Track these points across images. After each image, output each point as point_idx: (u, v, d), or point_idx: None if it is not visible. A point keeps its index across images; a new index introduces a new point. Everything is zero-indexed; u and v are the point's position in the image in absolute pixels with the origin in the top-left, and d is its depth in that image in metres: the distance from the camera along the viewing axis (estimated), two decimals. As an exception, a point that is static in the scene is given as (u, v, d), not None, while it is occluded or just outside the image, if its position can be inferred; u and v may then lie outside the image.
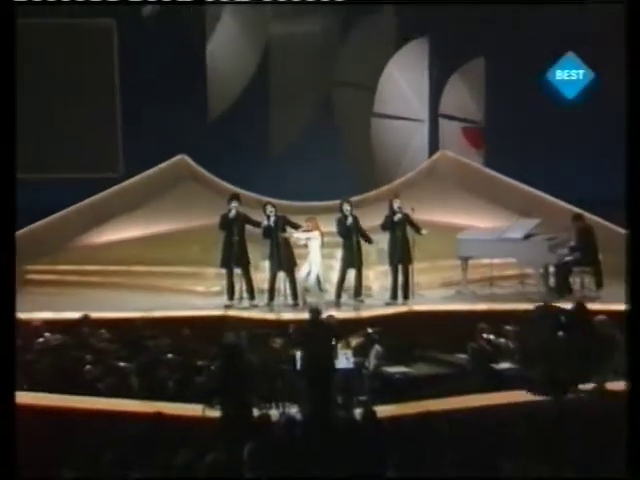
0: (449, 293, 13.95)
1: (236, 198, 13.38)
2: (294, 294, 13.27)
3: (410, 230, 13.27)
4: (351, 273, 13.38)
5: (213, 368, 9.90)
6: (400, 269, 13.31)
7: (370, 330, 11.40)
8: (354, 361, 10.28)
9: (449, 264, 14.13)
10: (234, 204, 13.16)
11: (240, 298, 13.29)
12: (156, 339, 11.32)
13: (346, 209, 13.28)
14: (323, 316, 10.38)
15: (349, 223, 13.16)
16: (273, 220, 13.08)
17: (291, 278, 13.27)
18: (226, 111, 17.37)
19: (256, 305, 13.21)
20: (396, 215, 13.20)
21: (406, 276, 13.33)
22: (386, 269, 13.54)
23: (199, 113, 17.09)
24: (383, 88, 17.66)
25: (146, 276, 14.78)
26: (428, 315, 12.68)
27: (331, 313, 11.56)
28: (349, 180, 16.36)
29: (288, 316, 12.55)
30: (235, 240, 13.09)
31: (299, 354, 9.94)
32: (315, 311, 10.23)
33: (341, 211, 13.35)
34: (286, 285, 13.35)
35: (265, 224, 13.13)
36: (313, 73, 17.56)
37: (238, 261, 13.18)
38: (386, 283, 13.63)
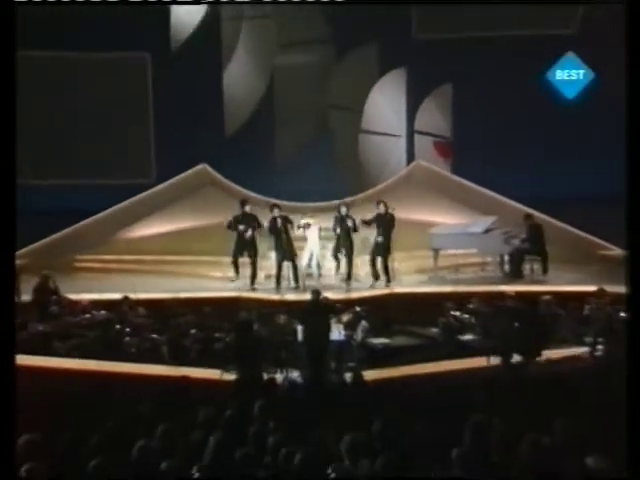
0: (423, 278, 13.93)
1: (246, 202, 13.44)
2: (296, 279, 13.27)
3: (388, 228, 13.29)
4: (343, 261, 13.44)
5: (229, 340, 9.93)
6: (380, 260, 13.29)
7: (358, 309, 11.41)
8: (345, 334, 10.29)
9: (423, 254, 14.07)
10: (247, 207, 13.24)
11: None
12: (182, 316, 11.35)
13: (342, 210, 13.32)
14: (321, 297, 10.40)
15: (349, 223, 13.18)
16: (279, 219, 13.13)
17: (293, 266, 13.28)
18: (240, 128, 17.33)
19: (255, 288, 13.14)
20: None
21: (385, 265, 13.30)
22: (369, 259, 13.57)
23: (217, 130, 17.04)
24: (368, 109, 17.61)
25: (174, 264, 14.79)
26: (406, 296, 12.69)
27: (326, 295, 11.58)
28: (341, 185, 16.31)
29: (291, 297, 12.57)
30: (248, 235, 13.12)
31: (300, 328, 9.95)
32: (316, 292, 10.23)
33: (339, 212, 13.37)
34: (289, 272, 13.36)
35: (267, 225, 13.17)
36: (311, 97, 17.52)
37: (250, 252, 13.22)
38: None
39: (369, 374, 8.70)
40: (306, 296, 10.59)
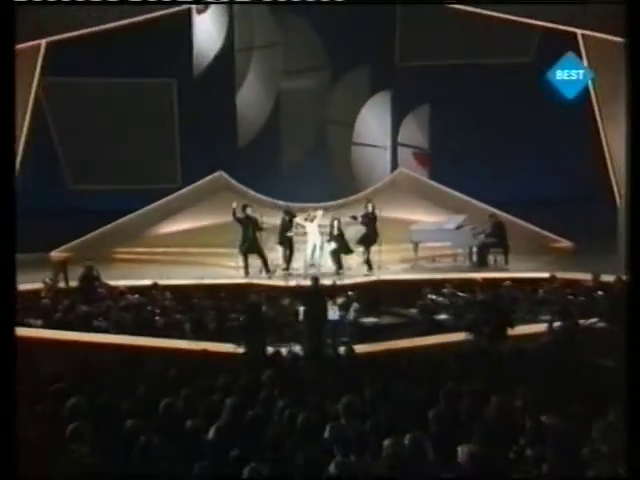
0: (405, 267, 13.95)
1: (247, 206, 13.38)
2: (267, 269, 13.27)
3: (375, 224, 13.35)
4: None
5: (241, 319, 9.92)
6: (362, 251, 13.44)
7: (350, 293, 11.42)
8: (339, 314, 10.26)
9: (406, 247, 14.09)
10: (248, 210, 13.24)
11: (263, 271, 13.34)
12: (202, 299, 11.34)
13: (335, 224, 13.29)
14: (320, 283, 10.40)
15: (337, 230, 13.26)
16: (286, 217, 13.21)
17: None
18: (251, 141, 17.35)
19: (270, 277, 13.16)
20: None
21: (367, 257, 13.40)
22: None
23: (232, 143, 17.03)
24: (359, 125, 17.61)
25: (195, 255, 14.78)
26: (391, 282, 12.70)
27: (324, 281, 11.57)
28: (336, 188, 16.34)
29: (294, 283, 12.58)
30: (249, 235, 13.10)
31: (301, 309, 9.95)
32: (315, 279, 10.25)
33: (331, 225, 13.32)
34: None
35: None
36: (311, 115, 17.54)
37: (255, 249, 13.23)
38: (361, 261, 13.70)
39: (360, 348, 8.71)
40: (308, 282, 10.62)
